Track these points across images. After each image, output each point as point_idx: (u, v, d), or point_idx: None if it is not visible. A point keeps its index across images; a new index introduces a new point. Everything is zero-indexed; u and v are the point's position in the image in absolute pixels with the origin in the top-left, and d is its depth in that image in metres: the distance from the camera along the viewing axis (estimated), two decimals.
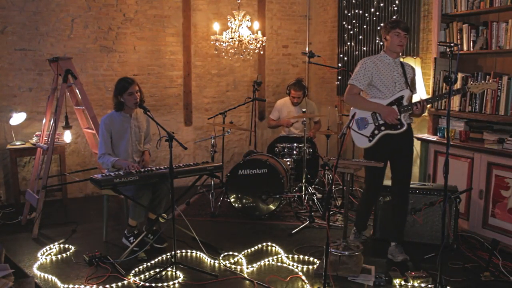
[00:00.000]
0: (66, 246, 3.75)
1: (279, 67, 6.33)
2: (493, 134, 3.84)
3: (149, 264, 3.39)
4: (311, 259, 3.47)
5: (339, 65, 5.72)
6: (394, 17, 4.81)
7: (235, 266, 3.36)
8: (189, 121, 5.87)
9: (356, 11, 5.43)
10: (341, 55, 5.75)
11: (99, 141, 3.72)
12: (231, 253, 3.60)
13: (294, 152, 4.85)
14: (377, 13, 5.11)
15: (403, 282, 3.07)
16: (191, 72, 5.78)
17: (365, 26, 5.31)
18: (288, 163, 4.78)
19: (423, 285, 3.02)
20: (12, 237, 3.96)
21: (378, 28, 5.09)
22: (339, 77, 5.77)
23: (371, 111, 3.39)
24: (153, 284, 3.04)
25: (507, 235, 3.56)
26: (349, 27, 5.56)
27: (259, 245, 3.73)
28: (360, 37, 5.40)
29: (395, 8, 4.84)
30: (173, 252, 3.25)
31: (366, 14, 5.28)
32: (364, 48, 5.34)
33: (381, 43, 5.06)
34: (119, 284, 3.06)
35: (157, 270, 3.25)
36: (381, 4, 5.04)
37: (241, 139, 6.18)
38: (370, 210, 3.74)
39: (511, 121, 3.63)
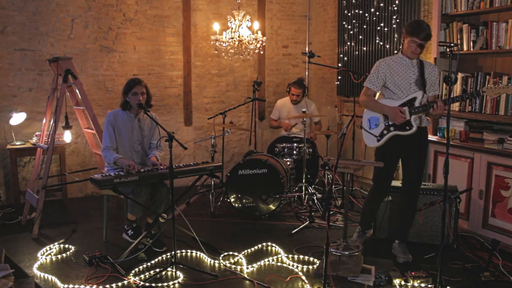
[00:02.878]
0: (66, 246, 3.75)
1: (279, 67, 6.33)
2: (493, 134, 3.83)
3: (149, 264, 3.39)
4: (311, 259, 3.47)
5: (339, 65, 5.72)
6: (415, 19, 4.37)
7: (235, 266, 3.36)
8: (189, 121, 5.86)
9: (356, 11, 5.42)
10: (341, 55, 5.74)
11: (103, 134, 3.74)
12: (231, 253, 3.60)
13: (294, 152, 4.84)
14: (377, 13, 5.11)
15: (403, 282, 3.07)
16: (191, 72, 5.78)
17: (365, 26, 5.30)
18: (288, 163, 4.78)
19: (423, 285, 3.02)
20: (12, 237, 3.95)
21: (378, 28, 5.08)
22: (339, 77, 5.76)
23: (380, 113, 3.38)
24: (153, 284, 3.04)
25: (507, 235, 3.56)
26: (349, 27, 5.56)
27: (259, 245, 3.73)
28: (360, 37, 5.39)
29: (395, 8, 4.83)
30: (173, 252, 3.26)
31: (366, 14, 5.28)
32: (364, 48, 5.33)
33: (381, 43, 5.06)
34: (119, 284, 3.07)
35: (157, 270, 3.25)
36: (381, 4, 5.04)
37: (241, 139, 6.18)
38: (375, 210, 3.69)
39: (511, 121, 3.63)
